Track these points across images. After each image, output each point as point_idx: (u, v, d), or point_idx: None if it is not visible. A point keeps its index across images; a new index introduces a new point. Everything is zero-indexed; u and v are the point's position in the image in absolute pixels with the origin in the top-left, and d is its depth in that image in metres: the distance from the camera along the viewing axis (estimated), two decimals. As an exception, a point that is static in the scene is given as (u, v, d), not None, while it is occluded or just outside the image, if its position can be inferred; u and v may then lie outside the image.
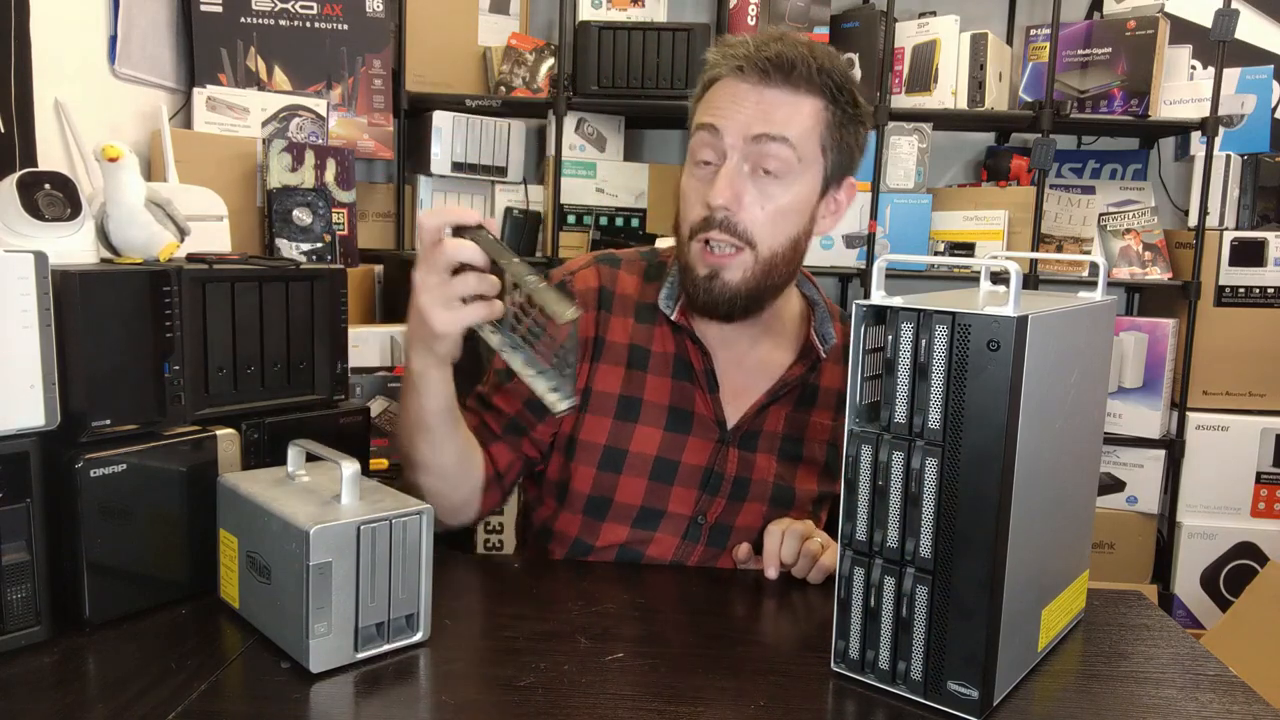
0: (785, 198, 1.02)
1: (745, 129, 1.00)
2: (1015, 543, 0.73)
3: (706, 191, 1.02)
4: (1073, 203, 2.63)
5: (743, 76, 1.01)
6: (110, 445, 0.86)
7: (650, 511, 1.11)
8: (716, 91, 1.04)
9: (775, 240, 1.03)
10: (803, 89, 1.01)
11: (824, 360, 1.15)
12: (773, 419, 1.14)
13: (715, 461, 1.12)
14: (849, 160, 1.08)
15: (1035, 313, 0.71)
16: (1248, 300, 2.46)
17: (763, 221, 1.02)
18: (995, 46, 2.46)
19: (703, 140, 1.03)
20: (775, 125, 1.00)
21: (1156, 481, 2.51)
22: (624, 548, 1.12)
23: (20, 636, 0.82)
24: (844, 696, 0.79)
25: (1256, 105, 2.57)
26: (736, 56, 1.02)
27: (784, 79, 1.01)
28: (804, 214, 1.05)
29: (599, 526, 1.12)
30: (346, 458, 0.84)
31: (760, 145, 1.00)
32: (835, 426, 1.15)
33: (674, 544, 1.12)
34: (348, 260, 2.02)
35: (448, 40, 2.46)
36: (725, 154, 1.02)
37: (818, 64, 1.02)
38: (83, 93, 1.69)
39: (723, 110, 1.02)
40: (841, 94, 1.04)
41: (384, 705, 0.77)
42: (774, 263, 1.04)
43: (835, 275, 2.67)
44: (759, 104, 1.01)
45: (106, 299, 0.86)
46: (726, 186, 1.00)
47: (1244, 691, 0.81)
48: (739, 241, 1.02)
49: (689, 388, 1.12)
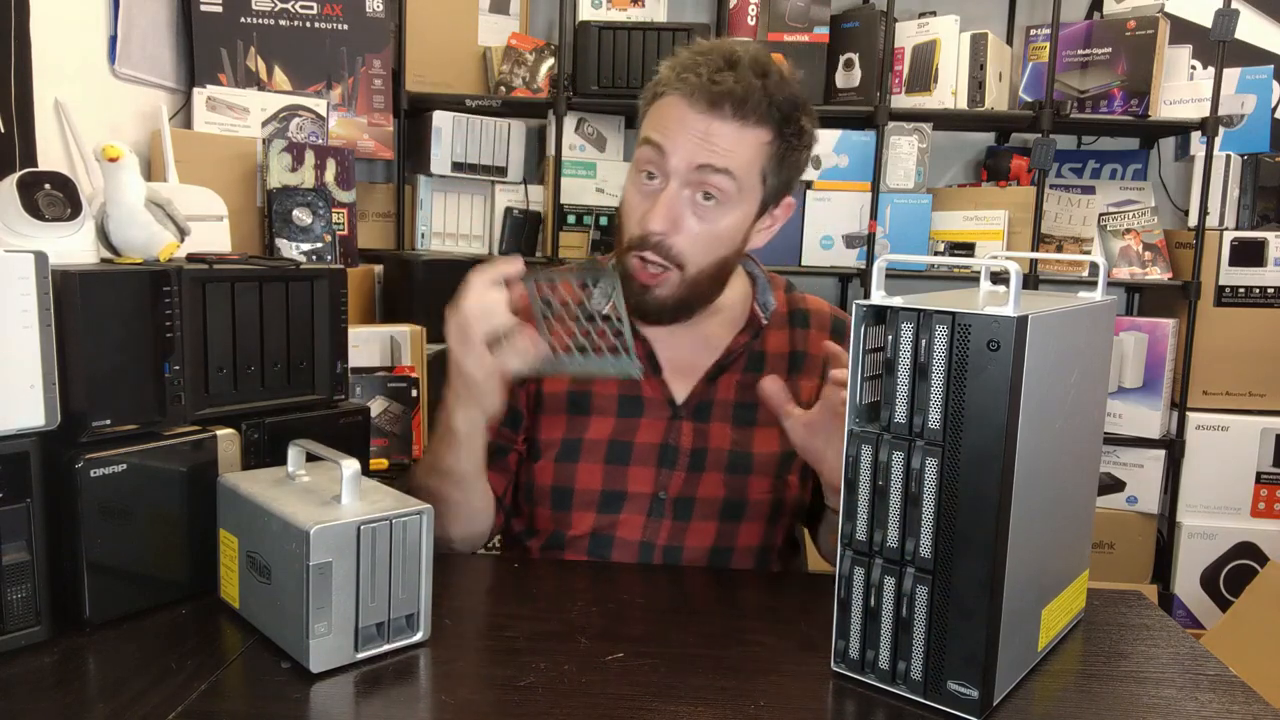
0: (721, 223, 1.05)
1: (689, 158, 1.02)
2: (1015, 543, 0.73)
3: (645, 209, 1.04)
4: (1073, 203, 2.63)
5: (692, 102, 1.02)
6: (110, 445, 0.86)
7: (612, 494, 1.12)
8: (664, 109, 1.05)
9: (704, 261, 1.07)
10: (751, 121, 1.02)
11: (767, 327, 1.17)
12: (724, 388, 1.15)
13: (669, 436, 1.13)
14: (788, 183, 1.10)
15: (1035, 313, 0.71)
16: (1248, 300, 2.46)
17: (696, 246, 1.05)
18: (995, 46, 2.46)
19: (647, 155, 1.05)
20: (719, 157, 1.02)
21: (1156, 481, 2.51)
22: (594, 535, 1.13)
23: (20, 636, 0.82)
24: (844, 696, 0.79)
25: (1256, 105, 2.57)
26: (688, 82, 1.02)
27: (734, 112, 1.01)
28: (737, 236, 1.08)
29: (567, 516, 1.14)
30: (346, 458, 0.84)
31: (702, 174, 1.02)
32: (789, 385, 1.16)
33: (640, 522, 1.13)
34: (348, 260, 2.02)
35: (448, 40, 2.47)
36: (668, 176, 1.03)
37: (769, 98, 1.02)
38: (83, 93, 1.69)
39: (669, 133, 1.03)
40: (789, 125, 1.05)
41: (384, 705, 0.77)
42: (699, 280, 1.08)
43: (835, 275, 2.67)
44: (705, 134, 1.02)
45: (106, 299, 0.86)
46: (665, 214, 1.03)
47: (1244, 691, 0.81)
48: (668, 264, 1.05)
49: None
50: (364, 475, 0.88)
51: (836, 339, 1.18)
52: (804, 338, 1.19)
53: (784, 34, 2.46)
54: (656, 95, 1.07)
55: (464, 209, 2.56)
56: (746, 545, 1.14)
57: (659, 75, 1.07)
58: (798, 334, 1.19)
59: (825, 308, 1.23)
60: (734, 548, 1.14)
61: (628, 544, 1.12)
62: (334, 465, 0.84)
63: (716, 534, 1.13)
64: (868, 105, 2.44)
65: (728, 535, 1.13)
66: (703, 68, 1.02)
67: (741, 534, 1.14)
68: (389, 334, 2.05)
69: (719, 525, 1.13)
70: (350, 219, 2.04)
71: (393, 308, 2.30)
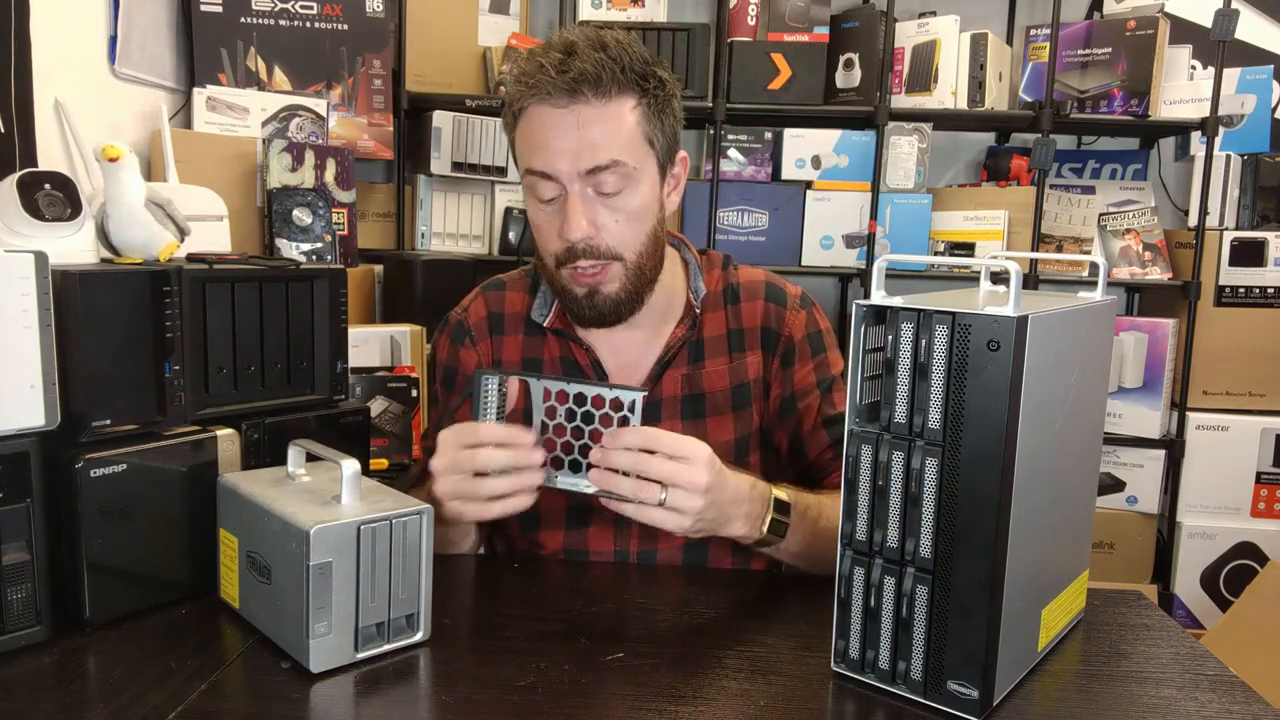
0: (633, 204, 1.05)
1: (575, 164, 1.01)
2: (1015, 543, 0.73)
3: (559, 223, 1.04)
4: (1073, 203, 2.63)
5: (552, 101, 1.01)
6: (110, 445, 0.86)
7: (576, 510, 1.12)
8: (531, 123, 1.03)
9: (638, 243, 1.06)
10: (613, 94, 1.01)
11: (703, 313, 1.16)
12: (669, 384, 1.14)
13: None
14: (674, 137, 1.09)
15: (1035, 313, 0.72)
16: (1248, 300, 2.46)
17: (622, 235, 1.05)
18: (995, 46, 2.46)
19: (536, 182, 1.04)
20: (600, 152, 1.01)
21: (1156, 481, 2.51)
22: (567, 551, 1.13)
23: (20, 636, 0.82)
24: (844, 696, 0.79)
25: (1256, 105, 2.57)
26: (539, 85, 1.00)
27: (593, 90, 1.00)
28: (652, 209, 1.07)
29: (536, 535, 1.13)
30: (346, 458, 0.84)
31: (595, 177, 1.02)
32: (731, 368, 1.16)
33: (610, 534, 1.12)
34: (348, 260, 2.02)
35: (448, 40, 2.46)
36: (564, 189, 1.03)
37: (618, 64, 1.01)
38: (83, 93, 1.69)
39: (547, 149, 1.02)
40: (648, 81, 1.04)
41: (384, 705, 0.77)
42: (641, 262, 1.07)
43: (835, 275, 2.67)
44: (578, 127, 1.00)
45: (106, 299, 0.86)
46: (580, 220, 1.02)
47: (1244, 691, 0.81)
48: (606, 259, 1.05)
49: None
50: (364, 475, 0.88)
51: (771, 305, 1.17)
52: (737, 314, 1.17)
53: (784, 34, 2.46)
54: (517, 115, 1.05)
55: (464, 209, 2.56)
56: (721, 537, 1.13)
57: (508, 94, 1.05)
58: (730, 311, 1.17)
59: (759, 276, 1.20)
60: (708, 540, 1.12)
61: (602, 556, 1.12)
62: (334, 465, 0.84)
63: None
64: (868, 105, 2.44)
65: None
66: (545, 67, 1.00)
67: None
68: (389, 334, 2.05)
69: None
70: (350, 219, 2.04)
71: (393, 308, 2.30)
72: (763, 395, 1.16)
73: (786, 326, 1.16)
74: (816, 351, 1.16)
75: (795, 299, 1.19)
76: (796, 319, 1.17)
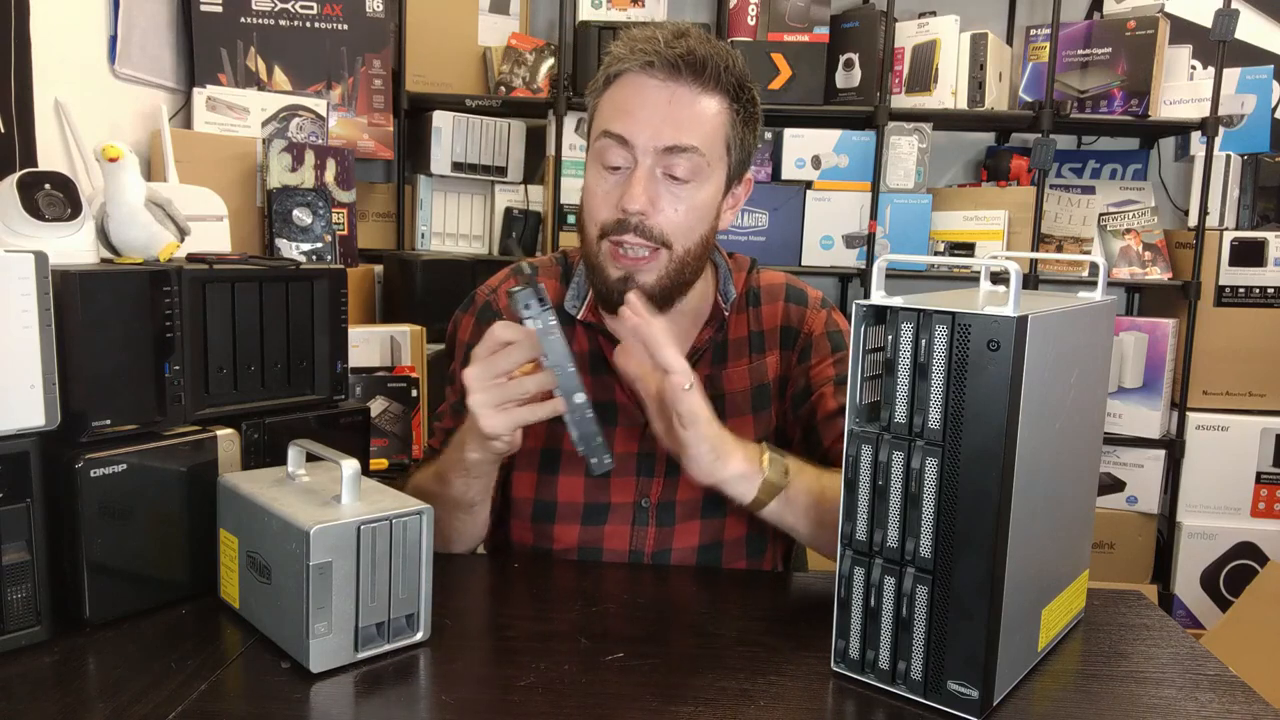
0: (696, 198, 1.04)
1: (655, 139, 1.01)
2: (1015, 543, 0.73)
3: (618, 194, 1.03)
4: (1073, 203, 2.63)
5: (651, 72, 1.01)
6: (110, 445, 0.86)
7: (595, 506, 1.12)
8: (623, 89, 1.03)
9: (690, 239, 1.05)
10: (710, 87, 1.02)
11: (729, 316, 1.16)
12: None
13: (644, 443, 1.12)
14: (747, 158, 1.10)
15: (1035, 313, 0.72)
16: (1248, 300, 2.46)
17: (677, 223, 1.04)
18: (995, 46, 2.46)
19: (609, 146, 1.03)
20: (684, 134, 1.01)
21: (1156, 481, 2.51)
22: (581, 548, 1.13)
23: (20, 636, 0.82)
24: (844, 696, 0.79)
25: (1256, 105, 2.57)
26: (646, 52, 1.01)
27: (694, 76, 1.01)
28: (712, 211, 1.07)
29: (550, 529, 1.13)
30: (346, 458, 0.83)
31: (671, 156, 1.01)
32: (751, 369, 1.16)
33: (626, 532, 1.12)
34: (348, 260, 2.02)
35: (448, 40, 2.47)
36: (636, 159, 1.02)
37: (724, 64, 1.02)
38: (83, 93, 1.69)
39: (632, 115, 1.01)
40: (743, 92, 1.05)
41: (384, 705, 0.77)
42: (686, 260, 1.06)
43: (835, 275, 2.67)
44: (669, 104, 1.01)
45: (106, 299, 0.86)
46: (641, 192, 1.01)
47: (1244, 691, 0.81)
48: (654, 244, 1.04)
49: (609, 380, 1.13)
50: (364, 475, 0.88)
51: (791, 305, 1.17)
52: (758, 316, 1.18)
53: (784, 34, 2.46)
54: (611, 79, 1.05)
55: (464, 209, 2.56)
56: (734, 538, 1.14)
57: (612, 55, 1.05)
58: (752, 314, 1.18)
59: (779, 279, 1.21)
60: (722, 542, 1.13)
61: (616, 554, 1.12)
62: (334, 465, 0.84)
63: (702, 532, 1.13)
64: (868, 105, 2.44)
65: (713, 531, 1.13)
66: (657, 39, 1.01)
67: (728, 528, 1.13)
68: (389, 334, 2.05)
69: (703, 523, 1.12)
70: (350, 219, 2.04)
71: (393, 308, 2.30)
72: (780, 395, 1.17)
73: (807, 324, 1.17)
74: (836, 348, 1.16)
75: (816, 300, 1.20)
76: (817, 317, 1.18)
